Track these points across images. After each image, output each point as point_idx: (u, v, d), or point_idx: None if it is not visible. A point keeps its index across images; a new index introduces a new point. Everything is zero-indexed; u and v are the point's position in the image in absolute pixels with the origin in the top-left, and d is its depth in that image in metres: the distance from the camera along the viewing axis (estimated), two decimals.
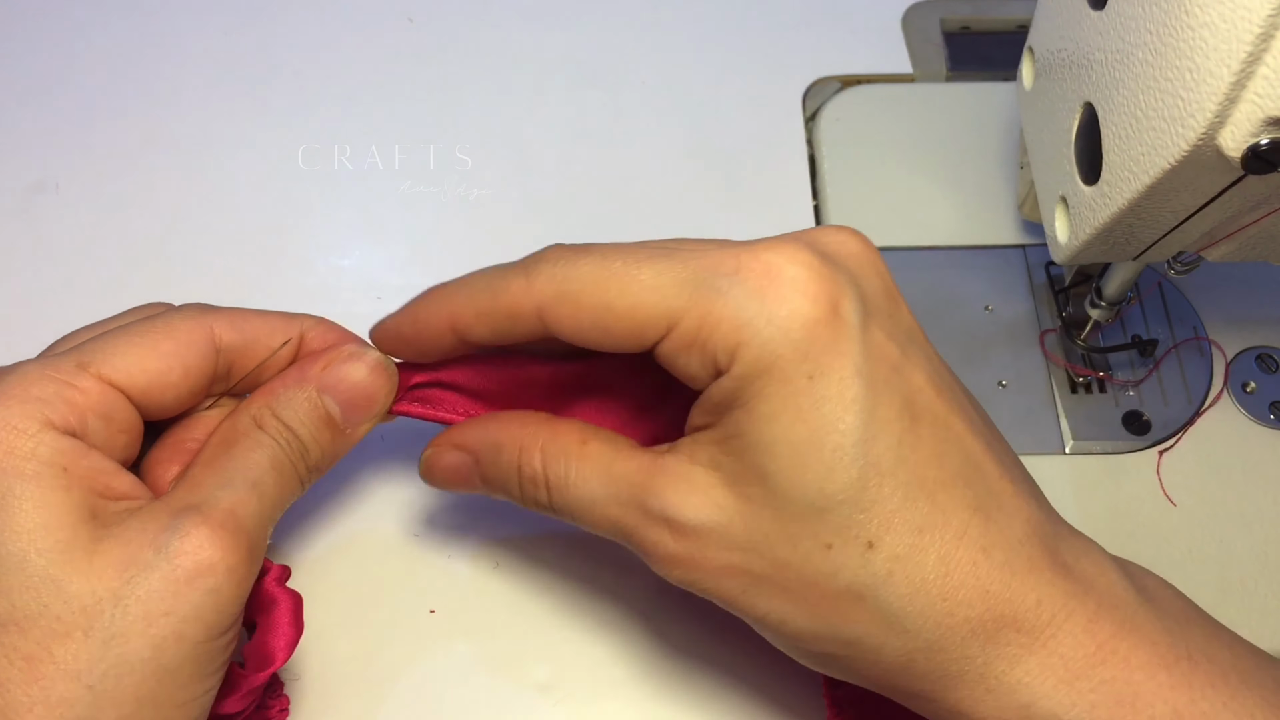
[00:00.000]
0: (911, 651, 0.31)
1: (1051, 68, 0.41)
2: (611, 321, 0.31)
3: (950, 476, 0.31)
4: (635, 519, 0.32)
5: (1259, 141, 0.30)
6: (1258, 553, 0.43)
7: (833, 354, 0.30)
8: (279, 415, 0.34)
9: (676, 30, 0.57)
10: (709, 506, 0.31)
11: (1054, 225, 0.41)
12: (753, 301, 0.30)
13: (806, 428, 0.30)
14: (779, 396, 0.30)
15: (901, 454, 0.30)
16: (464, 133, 0.53)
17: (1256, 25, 0.29)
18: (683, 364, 0.31)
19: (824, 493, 0.30)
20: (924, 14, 0.58)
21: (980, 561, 0.31)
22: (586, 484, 0.33)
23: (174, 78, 0.55)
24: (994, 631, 0.30)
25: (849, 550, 0.30)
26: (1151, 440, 0.45)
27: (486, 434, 0.36)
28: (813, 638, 0.32)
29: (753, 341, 0.30)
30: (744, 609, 0.32)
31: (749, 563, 0.31)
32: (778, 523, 0.31)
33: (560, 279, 0.32)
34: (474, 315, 0.34)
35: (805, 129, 0.54)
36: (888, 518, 0.30)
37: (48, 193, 0.51)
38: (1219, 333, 0.48)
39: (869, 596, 0.30)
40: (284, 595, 0.35)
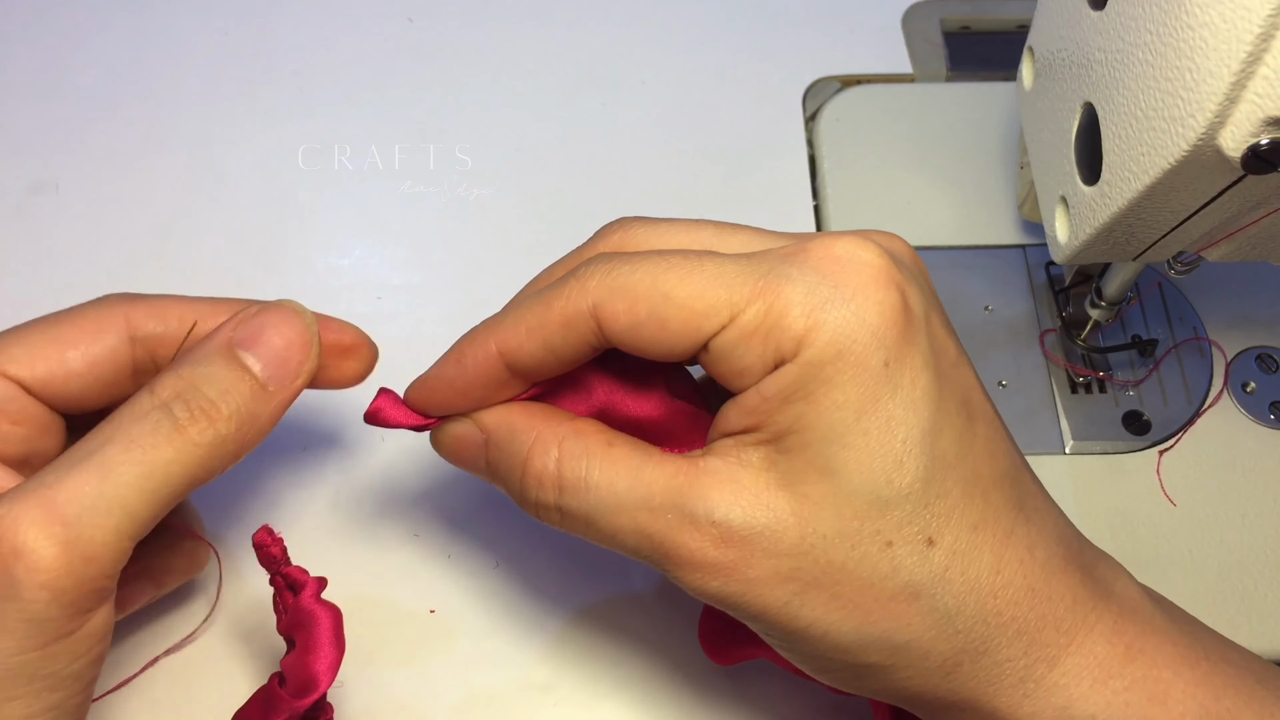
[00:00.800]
0: (959, 654, 0.30)
1: (1051, 68, 0.41)
2: (670, 312, 0.30)
3: (999, 475, 0.31)
4: (669, 524, 0.30)
5: (1259, 141, 0.30)
6: (1258, 553, 0.43)
7: (906, 342, 0.29)
8: (181, 373, 0.31)
9: (676, 30, 0.57)
10: (759, 508, 0.30)
11: (1054, 225, 0.41)
12: (826, 287, 0.29)
13: (879, 417, 0.29)
14: (853, 383, 0.29)
15: (962, 450, 0.30)
16: (464, 133, 0.53)
17: (1256, 25, 0.29)
18: (739, 355, 0.29)
19: (892, 485, 0.29)
20: (924, 14, 0.58)
21: (1026, 560, 0.31)
22: (611, 486, 0.31)
23: (174, 78, 0.54)
24: (1036, 631, 0.30)
25: (909, 547, 0.29)
26: (1151, 440, 0.45)
27: (506, 415, 0.33)
28: (859, 648, 0.30)
29: (826, 324, 0.29)
30: (785, 621, 0.30)
31: (799, 568, 0.29)
32: (838, 521, 0.29)
33: (615, 274, 0.30)
34: (525, 332, 0.32)
35: (805, 129, 0.54)
36: (947, 514, 0.30)
37: (48, 193, 0.51)
38: (1219, 333, 0.48)
39: (925, 595, 0.30)
40: (323, 611, 0.33)
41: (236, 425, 0.31)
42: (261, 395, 0.32)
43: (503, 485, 0.33)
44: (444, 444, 0.35)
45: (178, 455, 0.30)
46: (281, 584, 0.34)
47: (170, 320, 0.34)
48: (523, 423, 0.33)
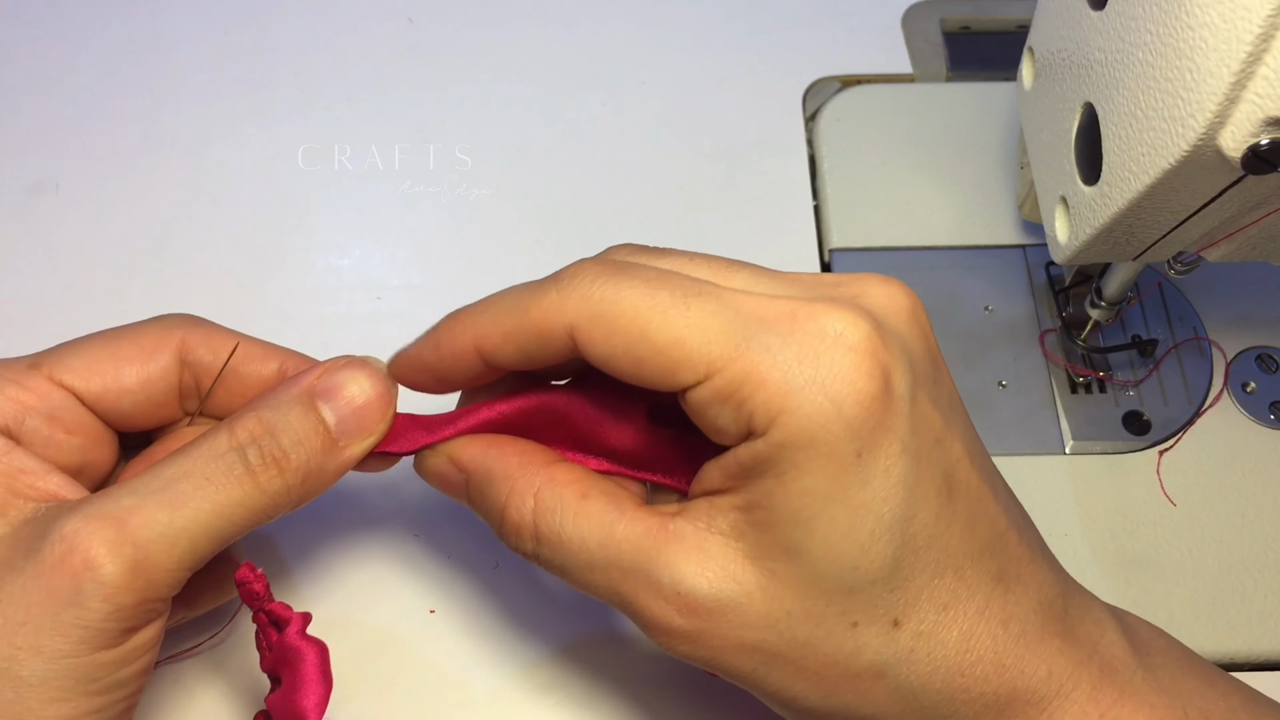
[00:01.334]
0: None
1: (1051, 68, 0.41)
2: (646, 353, 0.29)
3: (978, 549, 0.30)
4: (637, 588, 0.30)
5: (1259, 142, 0.30)
6: (1258, 553, 0.43)
7: (882, 430, 0.28)
8: (261, 417, 0.32)
9: (676, 30, 0.57)
10: (726, 580, 0.29)
11: (1054, 225, 0.41)
12: (805, 368, 0.28)
13: (848, 507, 0.28)
14: (822, 472, 0.28)
15: (937, 530, 0.30)
16: (464, 133, 0.53)
17: (1256, 25, 0.29)
18: (712, 416, 0.29)
19: (857, 571, 0.29)
20: (924, 14, 0.58)
21: (999, 635, 0.30)
22: (583, 543, 0.31)
23: (174, 78, 0.55)
24: (1004, 705, 0.30)
25: (875, 628, 0.29)
26: (1151, 440, 0.45)
27: (484, 458, 0.33)
28: (826, 714, 0.31)
29: (799, 410, 0.28)
30: (753, 685, 0.31)
31: (764, 640, 0.30)
32: (802, 601, 0.29)
33: (597, 299, 0.30)
34: (501, 335, 0.32)
35: (805, 129, 0.54)
36: (915, 595, 0.30)
37: (48, 193, 0.51)
38: (1219, 333, 0.48)
39: (890, 674, 0.30)
40: (309, 647, 0.33)
41: (302, 478, 0.32)
42: (332, 450, 0.33)
43: (485, 520, 0.34)
44: (427, 476, 0.35)
45: (244, 499, 0.31)
46: (265, 621, 0.33)
47: (221, 351, 0.35)
48: (499, 468, 0.33)
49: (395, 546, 0.42)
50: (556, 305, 0.30)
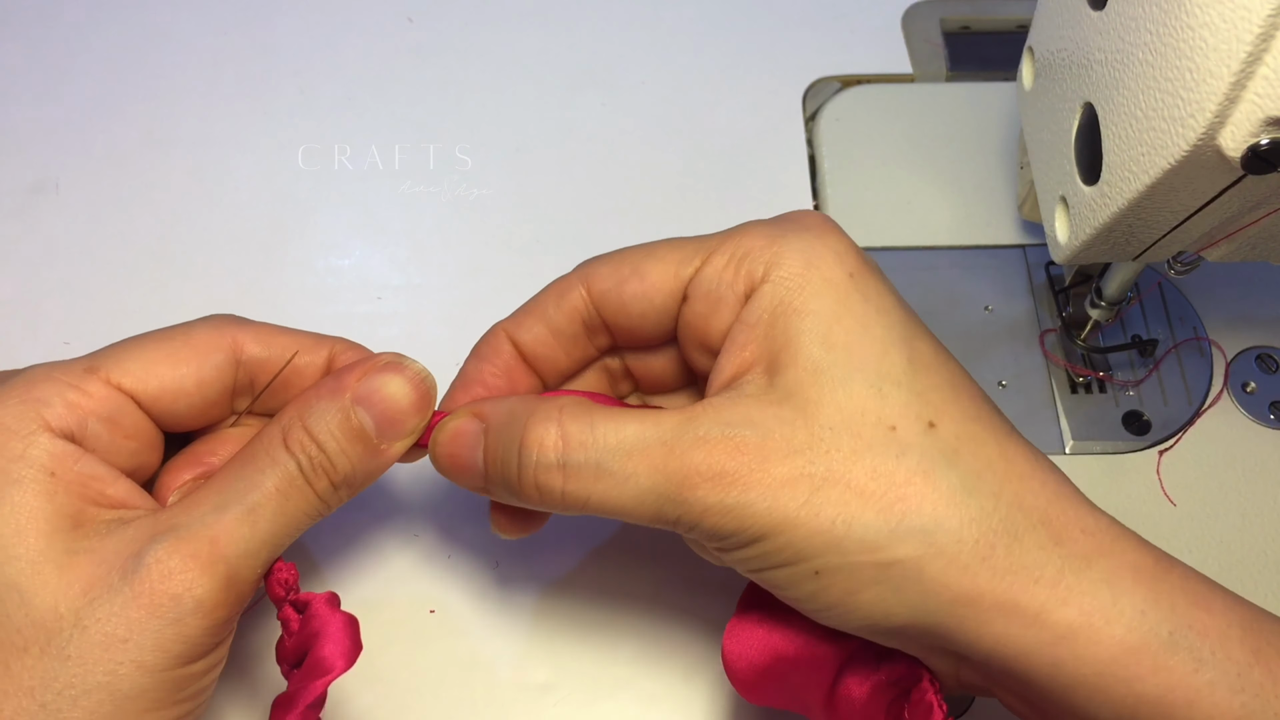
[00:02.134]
0: (989, 535, 0.30)
1: (1051, 68, 0.41)
2: (650, 265, 0.34)
3: (982, 398, 0.33)
4: (683, 452, 0.31)
5: (1259, 141, 0.30)
6: (1258, 553, 0.43)
7: (864, 264, 0.33)
8: (307, 427, 0.33)
9: (676, 30, 0.57)
10: (768, 417, 0.31)
11: (1054, 225, 0.41)
12: (786, 224, 0.34)
13: (855, 316, 0.32)
14: (827, 291, 0.32)
15: (940, 358, 0.32)
16: (464, 133, 0.53)
17: (1256, 25, 0.29)
18: (714, 288, 0.33)
19: (881, 373, 0.31)
20: (924, 14, 0.58)
21: (1033, 459, 0.32)
22: (619, 432, 0.31)
23: (174, 78, 0.55)
24: (1060, 527, 0.30)
25: (912, 429, 0.31)
26: (1151, 440, 0.45)
27: (505, 401, 0.34)
28: (885, 540, 0.30)
29: (791, 247, 0.32)
30: (808, 522, 0.30)
31: (812, 464, 0.30)
32: (839, 414, 0.31)
33: (604, 255, 0.36)
34: (524, 312, 0.36)
35: (805, 129, 0.54)
36: (942, 403, 0.31)
37: (48, 193, 0.51)
38: (1219, 333, 0.48)
39: (939, 470, 0.30)
40: (338, 615, 0.33)
41: (348, 484, 0.34)
42: (374, 453, 0.34)
43: (500, 471, 0.33)
44: (440, 445, 0.34)
45: (308, 507, 0.33)
46: (291, 612, 0.33)
47: (274, 348, 0.35)
48: (521, 405, 0.33)
49: (395, 546, 0.42)
50: (572, 271, 0.36)
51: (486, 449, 0.33)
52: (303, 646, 0.33)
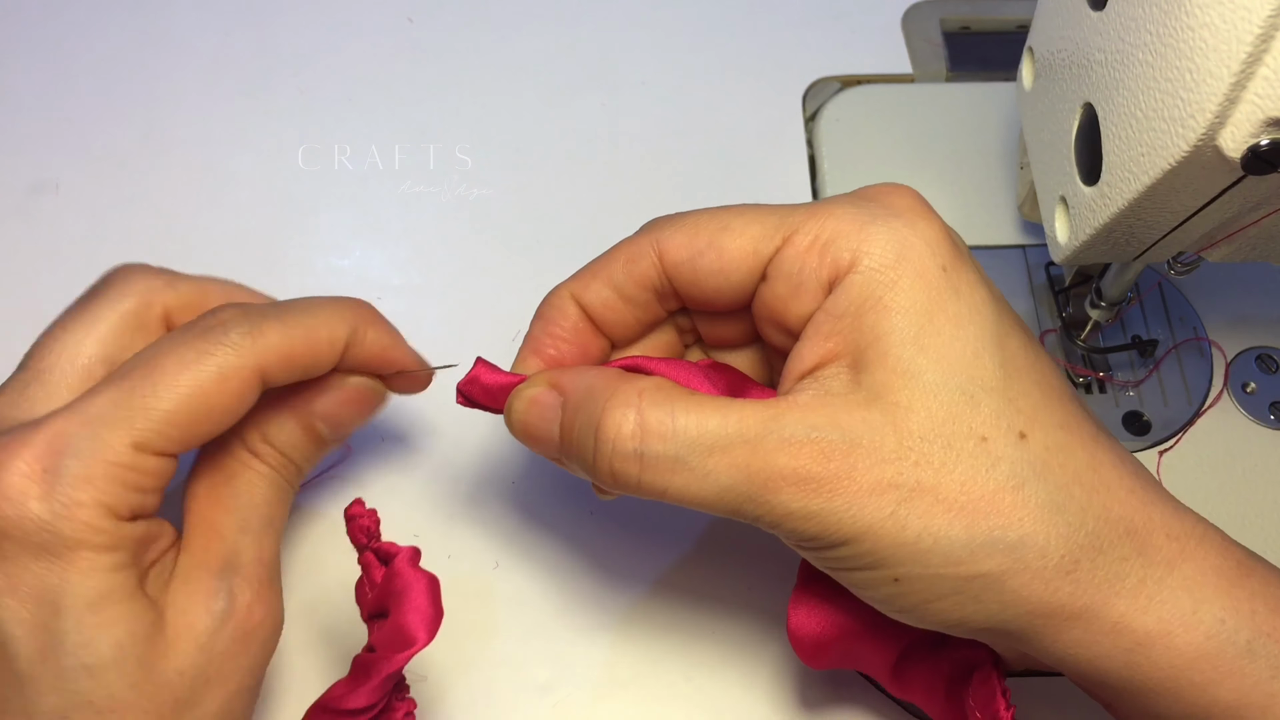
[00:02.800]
0: (1075, 550, 0.29)
1: (1051, 68, 0.41)
2: (727, 239, 0.32)
3: (1070, 392, 0.32)
4: (767, 453, 0.29)
5: (1259, 142, 0.30)
6: (1258, 552, 0.43)
7: (958, 255, 0.31)
8: (271, 442, 0.34)
9: (676, 30, 0.57)
10: (856, 422, 0.30)
11: (1054, 225, 0.41)
12: (875, 205, 0.31)
13: (948, 317, 0.30)
14: (918, 286, 0.30)
15: (1029, 359, 0.31)
16: (464, 133, 0.53)
17: (1256, 26, 0.29)
18: (796, 271, 0.31)
19: (974, 380, 0.30)
20: (924, 14, 0.58)
21: (1119, 465, 0.31)
22: (701, 425, 0.30)
23: (174, 78, 0.54)
24: (1145, 535, 0.30)
25: (1004, 440, 0.30)
26: (1151, 441, 0.45)
27: (584, 376, 0.33)
28: (970, 554, 0.29)
29: (880, 235, 0.30)
30: (893, 534, 0.29)
31: (901, 474, 0.29)
32: (930, 422, 0.30)
33: (677, 216, 0.34)
34: (591, 274, 0.35)
35: (805, 129, 0.54)
36: (1033, 411, 0.30)
37: (48, 193, 0.51)
38: (1219, 333, 0.48)
39: (1028, 486, 0.29)
40: (420, 576, 0.33)
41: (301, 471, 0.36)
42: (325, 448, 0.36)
43: (577, 449, 0.32)
44: (516, 410, 0.34)
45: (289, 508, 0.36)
46: (372, 560, 0.34)
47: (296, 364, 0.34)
48: (601, 382, 0.32)
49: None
50: (640, 234, 0.34)
51: (563, 425, 0.32)
52: (383, 603, 0.33)
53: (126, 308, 0.33)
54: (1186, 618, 0.29)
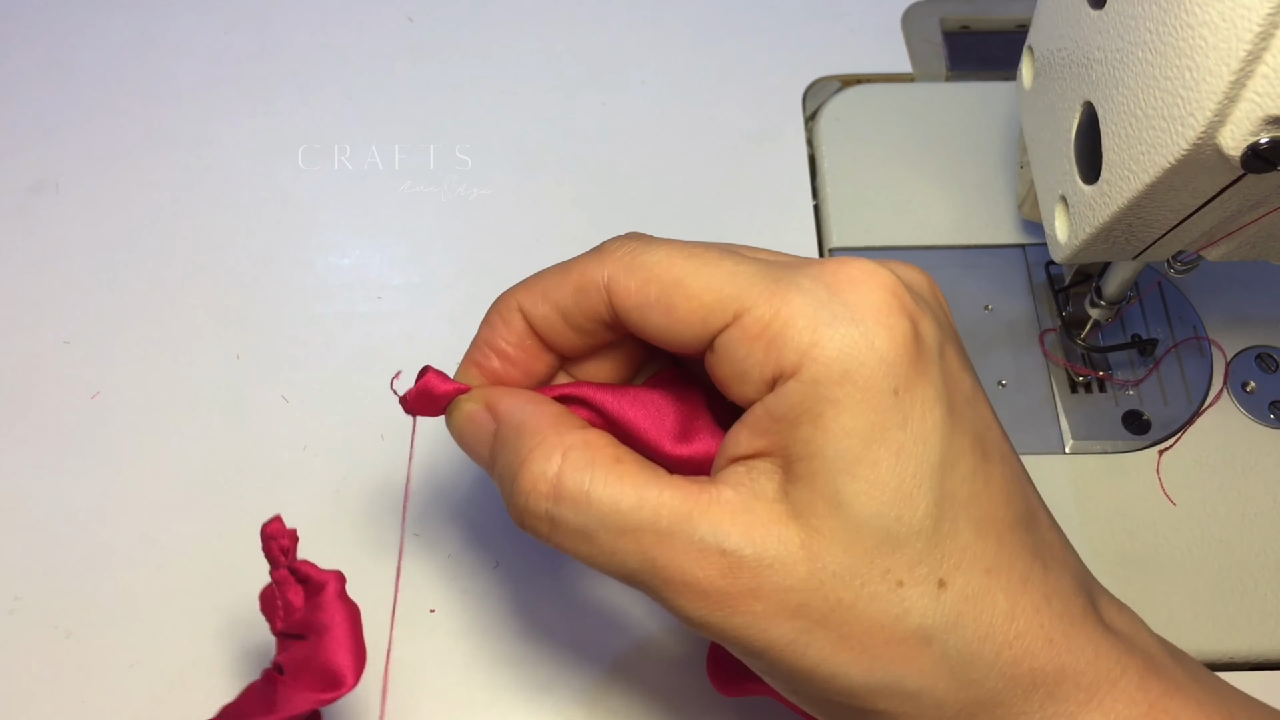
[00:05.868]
0: (973, 705, 0.29)
1: (1051, 67, 0.41)
2: (679, 299, 0.30)
3: (1014, 519, 0.30)
4: (674, 550, 0.29)
5: (1258, 140, 0.30)
6: (1258, 553, 0.43)
7: (916, 372, 0.28)
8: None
9: (676, 30, 0.57)
10: (770, 539, 0.28)
11: (1054, 225, 0.41)
12: (835, 302, 0.28)
13: (889, 448, 0.28)
14: (860, 408, 0.28)
15: (974, 488, 0.29)
16: (464, 133, 0.53)
17: (1256, 24, 0.29)
18: (740, 358, 0.29)
19: (901, 521, 0.28)
20: (924, 13, 0.58)
21: (1043, 609, 0.29)
22: (615, 504, 0.29)
23: (174, 77, 0.55)
24: (1054, 685, 0.29)
25: (920, 589, 0.28)
26: (1151, 440, 0.45)
27: (518, 410, 0.32)
28: (867, 693, 0.29)
29: (832, 343, 0.28)
30: (791, 660, 0.29)
31: (807, 605, 0.28)
32: (847, 557, 0.28)
33: (633, 252, 0.31)
34: (540, 294, 0.33)
35: (805, 129, 0.54)
36: (959, 555, 0.29)
37: (48, 193, 0.51)
38: (1219, 332, 0.48)
39: (938, 640, 0.28)
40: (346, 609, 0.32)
41: None
42: None
43: (498, 482, 0.32)
44: (455, 422, 0.34)
45: None
46: (287, 577, 0.33)
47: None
48: (532, 423, 0.31)
49: (395, 546, 0.42)
50: (597, 262, 0.31)
51: (492, 453, 0.32)
52: (303, 628, 0.32)
53: None
54: None
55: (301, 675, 0.32)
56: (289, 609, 0.33)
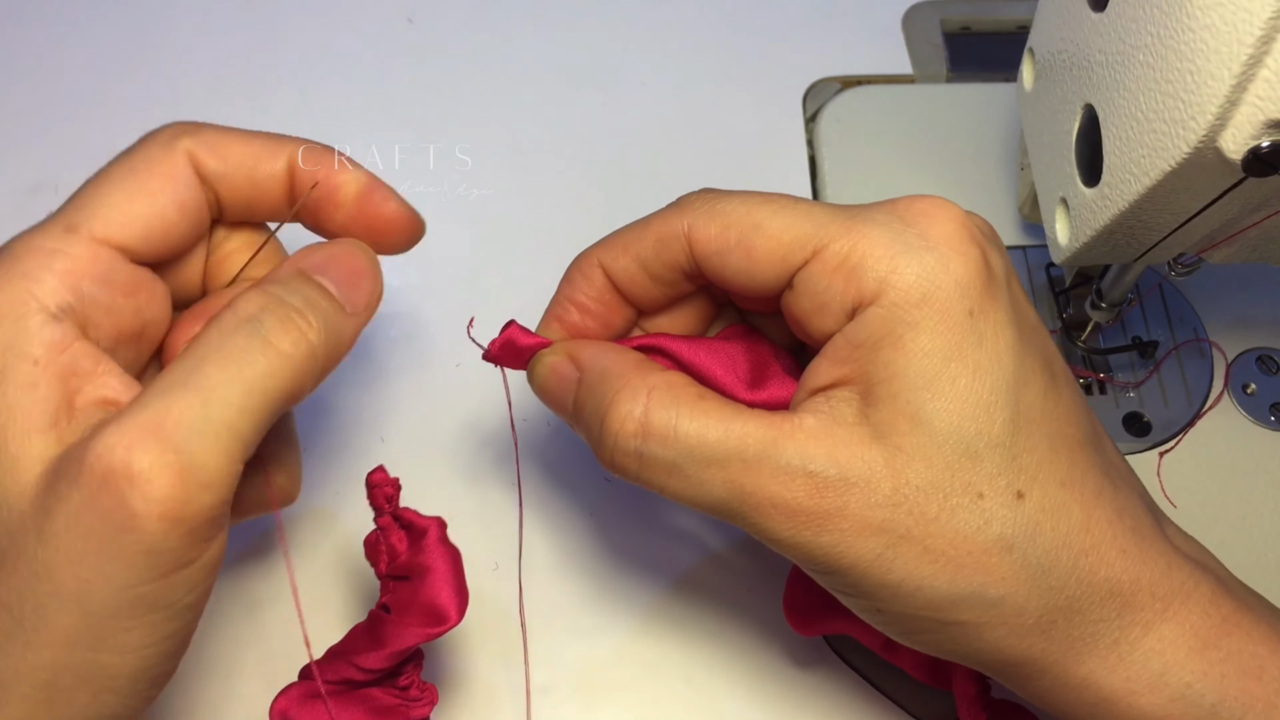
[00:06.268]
0: (1053, 611, 0.30)
1: (1052, 69, 0.41)
2: (758, 240, 0.31)
3: (1085, 438, 0.31)
4: (762, 476, 0.30)
5: (1260, 144, 0.30)
6: (1258, 553, 0.43)
7: (988, 295, 0.30)
8: (264, 289, 0.30)
9: (676, 31, 0.57)
10: (855, 460, 0.29)
11: (1054, 227, 0.41)
12: (911, 232, 0.30)
13: (966, 366, 0.29)
14: (939, 329, 0.29)
15: (1046, 406, 0.30)
16: (464, 133, 0.53)
17: (1257, 28, 0.29)
18: (821, 290, 0.30)
19: (980, 435, 0.29)
20: (924, 14, 0.58)
21: (1115, 522, 0.31)
22: (702, 437, 0.30)
23: (174, 77, 0.54)
24: (1130, 595, 0.30)
25: (1000, 499, 0.29)
26: (1152, 442, 0.45)
27: (601, 356, 0.33)
28: (951, 604, 0.30)
29: (910, 269, 0.29)
30: (877, 575, 0.30)
31: (892, 520, 0.29)
32: (929, 472, 0.29)
33: (711, 201, 0.32)
34: (622, 246, 0.34)
35: (805, 129, 0.54)
36: (1035, 468, 0.30)
37: (48, 193, 0.51)
38: (1219, 334, 0.48)
39: (1018, 548, 0.29)
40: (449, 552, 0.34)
41: (324, 336, 0.30)
42: (341, 312, 0.32)
43: (585, 429, 0.33)
44: (538, 375, 0.34)
45: (273, 369, 0.29)
46: (391, 524, 0.34)
47: (230, 160, 0.33)
48: (616, 367, 0.32)
49: None
50: (676, 213, 0.33)
51: (577, 401, 0.33)
52: (408, 570, 0.33)
53: None
54: (1154, 680, 0.30)
55: (408, 613, 0.33)
56: (393, 553, 0.34)
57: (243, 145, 0.33)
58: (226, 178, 0.33)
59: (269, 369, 0.29)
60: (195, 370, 0.28)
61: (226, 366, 0.28)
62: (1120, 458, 0.33)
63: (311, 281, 0.31)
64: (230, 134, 0.33)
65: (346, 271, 0.32)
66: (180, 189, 0.32)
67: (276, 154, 0.33)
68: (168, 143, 0.32)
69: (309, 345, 0.30)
